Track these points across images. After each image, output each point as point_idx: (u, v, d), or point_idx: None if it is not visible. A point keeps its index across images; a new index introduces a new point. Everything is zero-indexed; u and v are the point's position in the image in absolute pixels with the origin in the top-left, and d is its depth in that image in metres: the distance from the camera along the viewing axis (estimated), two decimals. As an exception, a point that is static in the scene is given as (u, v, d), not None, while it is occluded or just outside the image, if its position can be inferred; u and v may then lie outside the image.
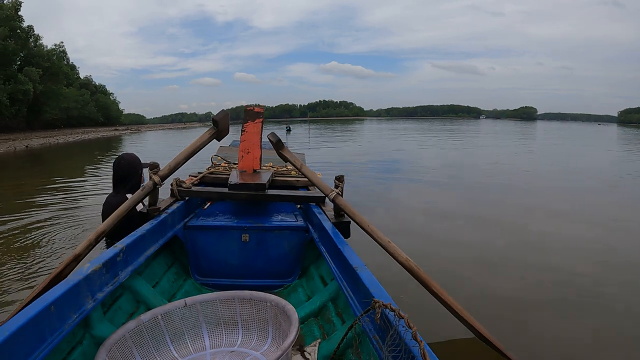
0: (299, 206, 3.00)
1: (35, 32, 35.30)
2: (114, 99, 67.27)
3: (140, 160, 3.40)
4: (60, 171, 11.22)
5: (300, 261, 2.58)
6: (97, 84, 60.34)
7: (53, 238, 4.17)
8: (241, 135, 3.04)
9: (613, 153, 17.17)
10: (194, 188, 2.77)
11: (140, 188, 2.39)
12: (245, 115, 3.07)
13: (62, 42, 42.03)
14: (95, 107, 50.15)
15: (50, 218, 5.07)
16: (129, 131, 48.61)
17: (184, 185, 2.70)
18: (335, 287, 2.14)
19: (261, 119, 3.09)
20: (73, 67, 47.58)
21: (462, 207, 5.93)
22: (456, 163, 12.36)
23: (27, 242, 4.08)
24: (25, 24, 33.68)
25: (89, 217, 5.06)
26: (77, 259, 2.03)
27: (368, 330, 1.48)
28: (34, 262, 3.48)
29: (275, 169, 3.37)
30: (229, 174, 3.06)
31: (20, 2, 32.14)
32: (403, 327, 1.18)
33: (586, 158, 14.90)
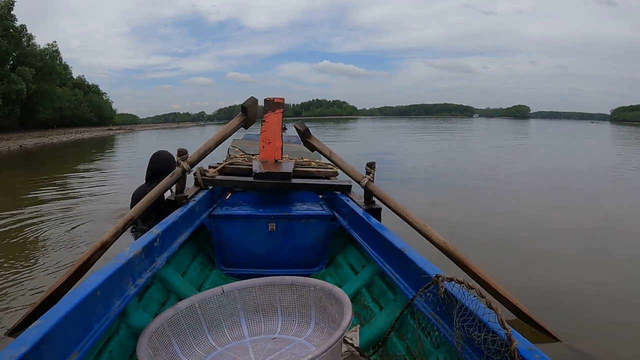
0: (321, 196, 2.98)
1: (28, 32, 35.09)
2: (107, 99, 66.79)
3: (175, 159, 3.46)
4: (57, 170, 11.09)
5: (327, 250, 2.56)
6: (90, 83, 59.86)
7: (51, 235, 4.13)
8: (262, 125, 3.01)
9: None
10: (218, 177, 2.75)
11: (169, 175, 2.36)
12: (265, 105, 3.03)
13: (55, 42, 41.57)
14: (88, 107, 49.77)
15: (47, 215, 5.01)
16: (123, 131, 48.28)
17: (208, 174, 2.67)
18: (369, 273, 2.13)
19: (281, 110, 3.05)
20: (66, 67, 47.04)
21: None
22: (460, 160, 12.38)
23: (23, 239, 4.02)
24: (18, 24, 33.45)
25: (86, 213, 5.08)
26: (104, 247, 2.00)
27: (422, 308, 1.47)
28: (30, 259, 3.44)
29: (294, 160, 3.33)
30: (249, 165, 3.04)
31: (13, 2, 31.86)
32: (474, 297, 1.17)
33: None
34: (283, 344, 1.62)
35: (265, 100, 3.05)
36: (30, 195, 6.54)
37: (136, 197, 3.44)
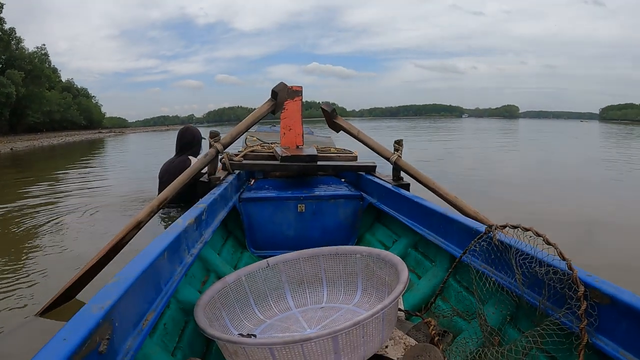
0: (343, 179, 3.04)
1: (17, 35, 34.76)
2: (96, 102, 66.44)
3: (201, 134, 4.12)
4: (53, 169, 11.06)
5: (356, 229, 2.62)
6: (79, 87, 59.63)
7: (45, 227, 4.07)
8: (282, 112, 3.07)
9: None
10: (246, 161, 2.80)
11: (203, 155, 2.41)
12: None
13: (44, 45, 41.42)
14: (77, 110, 49.48)
15: (41, 207, 4.99)
16: (113, 133, 48.11)
17: (235, 158, 2.72)
18: (402, 245, 2.20)
19: (300, 97, 3.14)
20: (55, 70, 46.65)
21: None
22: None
23: (20, 232, 3.96)
24: (7, 26, 33.11)
25: (82, 206, 5.04)
26: (138, 226, 2.02)
27: (472, 262, 1.53)
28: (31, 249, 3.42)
29: (313, 146, 3.40)
30: (269, 152, 3.09)
31: (2, 5, 31.54)
32: (531, 237, 1.24)
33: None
34: (332, 312, 1.66)
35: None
36: (25, 191, 6.54)
37: (164, 170, 3.88)
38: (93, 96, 65.96)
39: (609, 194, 5.84)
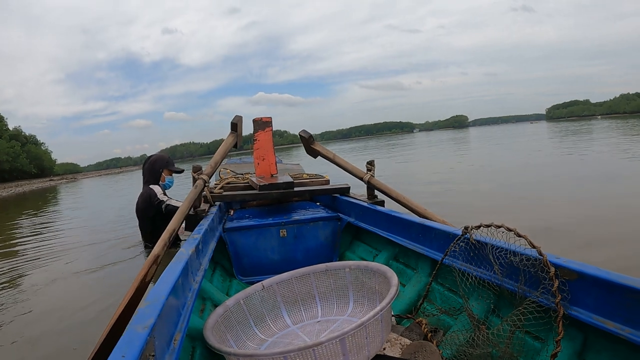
0: (318, 203, 3.18)
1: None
2: (46, 149, 64.28)
3: (163, 160, 4.37)
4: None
5: (337, 248, 2.74)
6: (28, 134, 57.58)
7: None
8: (254, 144, 3.20)
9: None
10: (226, 193, 2.89)
11: (194, 187, 2.50)
12: (255, 125, 3.25)
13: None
14: (26, 158, 47.77)
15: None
16: (65, 180, 46.57)
17: (215, 191, 2.81)
18: (384, 259, 2.33)
19: (271, 128, 3.28)
20: (1, 119, 45.17)
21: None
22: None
23: None
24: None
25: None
26: (156, 261, 2.05)
27: (452, 263, 1.67)
28: None
29: (286, 174, 3.52)
30: (244, 182, 3.20)
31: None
32: (504, 232, 1.42)
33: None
34: (329, 324, 1.77)
35: (254, 121, 3.26)
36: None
37: (144, 200, 4.16)
38: (42, 143, 63.85)
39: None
